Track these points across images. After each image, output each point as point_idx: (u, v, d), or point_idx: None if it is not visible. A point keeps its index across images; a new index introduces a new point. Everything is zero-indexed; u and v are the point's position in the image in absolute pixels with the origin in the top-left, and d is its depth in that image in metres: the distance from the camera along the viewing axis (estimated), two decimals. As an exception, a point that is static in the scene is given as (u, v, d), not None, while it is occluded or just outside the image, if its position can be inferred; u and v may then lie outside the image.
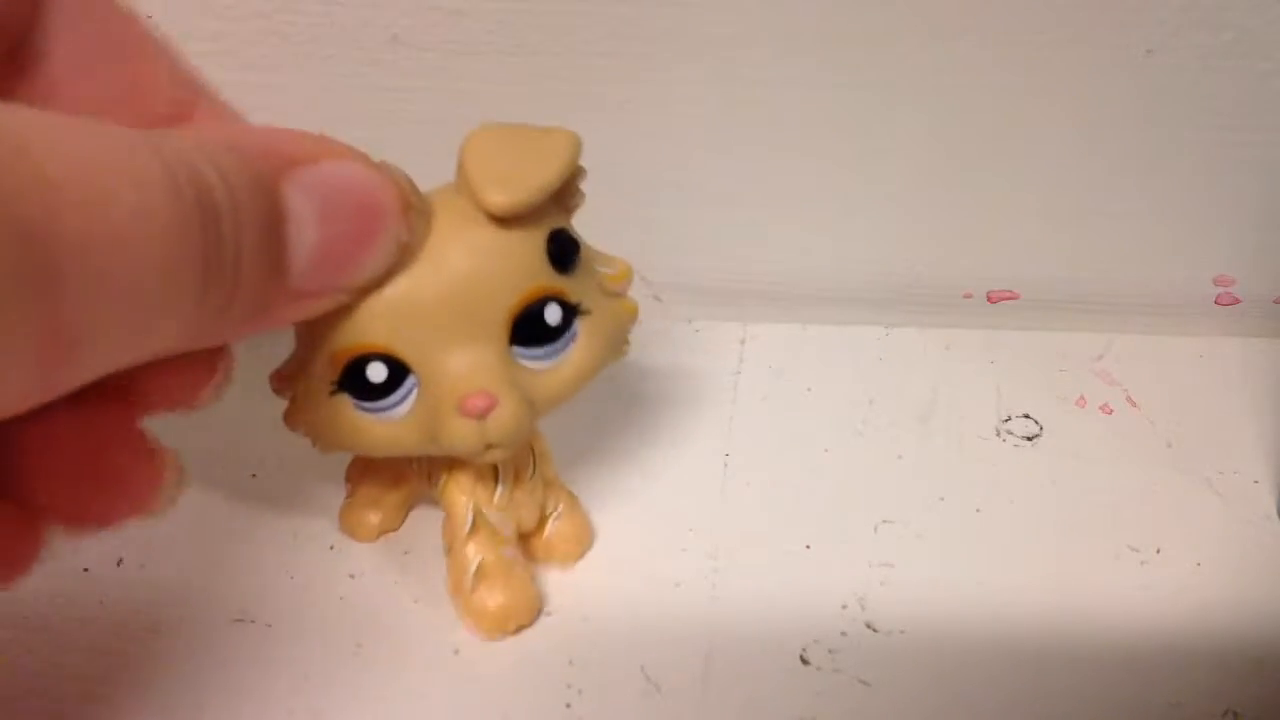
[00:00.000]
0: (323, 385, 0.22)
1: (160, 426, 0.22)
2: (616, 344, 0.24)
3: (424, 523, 0.28)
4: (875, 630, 0.25)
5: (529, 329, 0.22)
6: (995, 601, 0.26)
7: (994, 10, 0.29)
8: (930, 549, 0.27)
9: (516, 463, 0.25)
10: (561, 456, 0.26)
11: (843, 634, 0.25)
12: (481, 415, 0.21)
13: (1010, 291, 0.34)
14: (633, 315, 0.24)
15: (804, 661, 0.25)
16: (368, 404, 0.22)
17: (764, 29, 0.30)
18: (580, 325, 0.22)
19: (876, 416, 0.31)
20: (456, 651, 0.25)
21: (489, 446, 0.22)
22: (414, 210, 0.20)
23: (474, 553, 0.24)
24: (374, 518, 0.27)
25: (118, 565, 0.27)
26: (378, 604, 0.26)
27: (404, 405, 0.22)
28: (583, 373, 0.23)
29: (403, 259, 0.20)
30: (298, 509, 0.28)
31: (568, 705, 0.24)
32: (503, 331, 0.21)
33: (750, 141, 0.32)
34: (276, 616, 0.26)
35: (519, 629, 0.25)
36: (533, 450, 0.25)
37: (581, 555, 0.27)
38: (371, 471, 0.27)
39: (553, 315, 0.22)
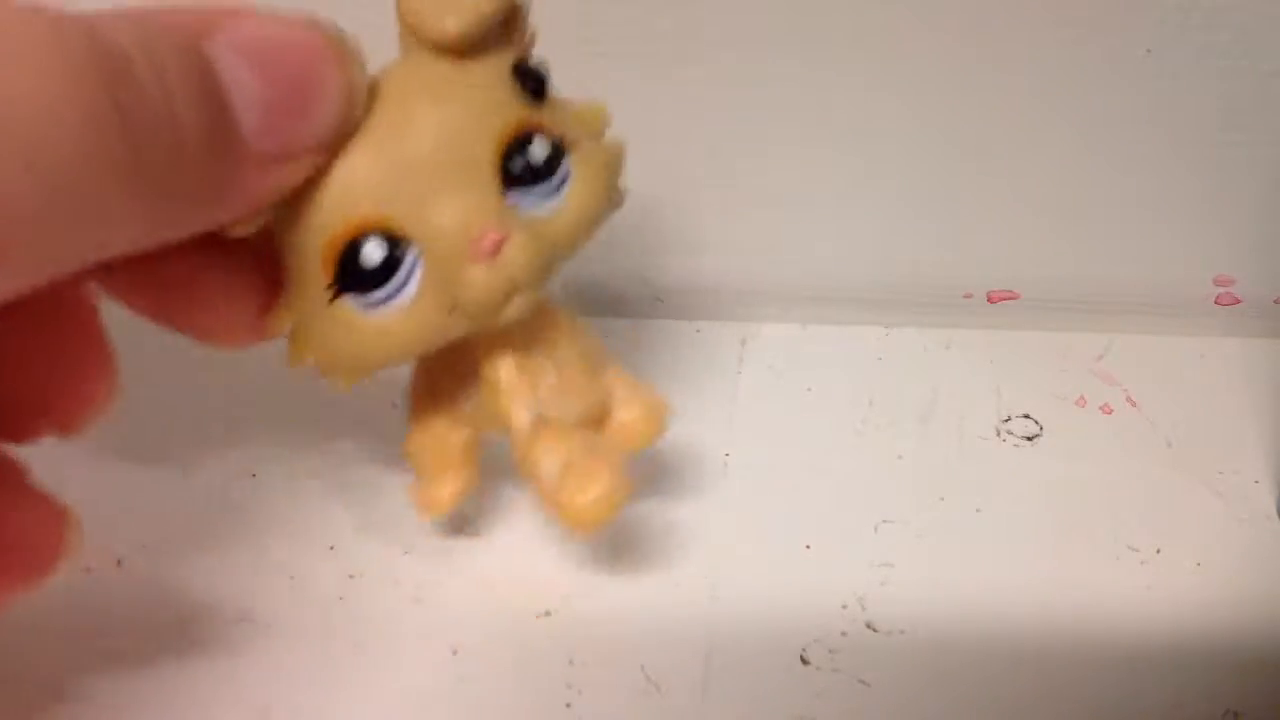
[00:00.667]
0: (319, 296, 0.20)
1: (158, 424, 0.22)
2: (611, 186, 0.22)
3: (424, 522, 0.28)
4: (875, 630, 0.25)
5: (519, 169, 0.20)
6: (995, 602, 0.26)
7: (994, 10, 0.29)
8: (930, 549, 0.27)
9: (556, 347, 0.23)
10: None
11: (843, 634, 0.25)
12: (494, 253, 0.20)
13: (1010, 291, 0.34)
14: (620, 156, 0.23)
15: (804, 661, 0.25)
16: (374, 296, 0.20)
17: (764, 29, 0.30)
18: (570, 164, 0.21)
19: (877, 416, 0.31)
20: (456, 651, 0.25)
21: (511, 290, 0.20)
22: (350, 55, 0.19)
23: (545, 452, 0.22)
24: (449, 487, 0.25)
25: (118, 565, 0.27)
26: (377, 604, 0.26)
27: (411, 284, 0.20)
28: (585, 214, 0.21)
29: (356, 108, 0.19)
30: (298, 509, 0.28)
31: (567, 705, 0.24)
32: (492, 173, 0.20)
33: (751, 142, 0.32)
34: (276, 616, 0.26)
35: (620, 506, 0.22)
36: (572, 331, 0.24)
37: (660, 437, 0.25)
38: (428, 436, 0.25)
39: (539, 149, 0.20)
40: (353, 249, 0.20)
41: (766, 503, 0.28)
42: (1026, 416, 0.31)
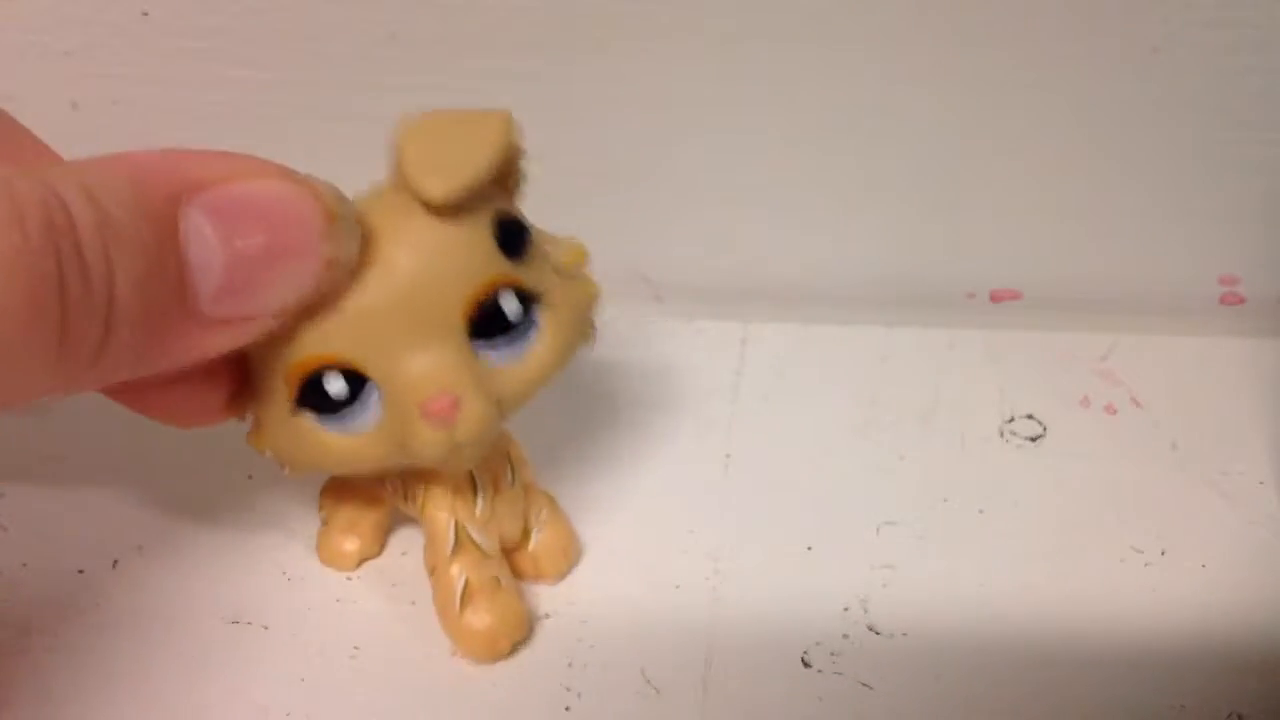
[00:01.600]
0: (282, 405, 0.21)
1: (155, 425, 0.22)
2: (582, 330, 0.23)
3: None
4: (877, 633, 0.25)
5: (487, 323, 0.21)
6: (998, 603, 0.26)
7: (998, 8, 0.29)
8: (933, 550, 0.27)
9: (494, 471, 0.24)
10: (559, 458, 0.26)
11: (845, 636, 0.25)
12: (446, 418, 0.20)
13: (1013, 291, 0.34)
14: (594, 297, 0.23)
15: (805, 664, 0.25)
16: (331, 419, 0.21)
17: (766, 27, 0.30)
18: (541, 314, 0.21)
19: (878, 417, 0.31)
20: (454, 654, 0.25)
21: (457, 449, 0.21)
22: (340, 222, 0.19)
23: (459, 572, 0.24)
24: (351, 545, 0.27)
25: (113, 567, 0.27)
26: (375, 606, 0.26)
27: (368, 416, 0.21)
28: (549, 363, 0.22)
29: (335, 273, 0.19)
30: (294, 511, 0.28)
31: (567, 708, 0.24)
32: (460, 328, 0.20)
33: (751, 140, 0.32)
34: (272, 618, 0.26)
35: (513, 648, 0.24)
36: (509, 456, 0.24)
37: (570, 569, 0.26)
38: (346, 494, 0.26)
39: (510, 306, 0.21)
40: (317, 376, 0.20)
41: (767, 504, 0.28)
42: (1030, 417, 0.31)
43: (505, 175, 0.21)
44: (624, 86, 0.31)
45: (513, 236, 0.21)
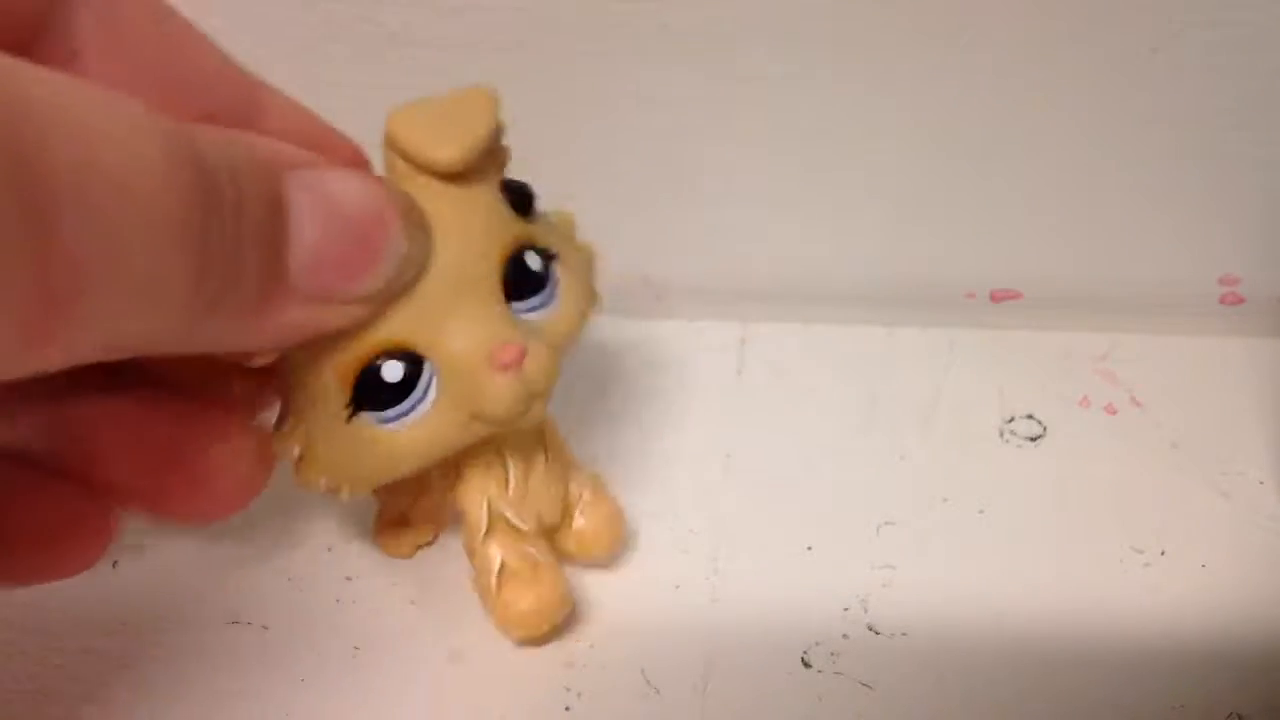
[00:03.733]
0: (336, 415, 0.21)
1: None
2: (590, 288, 0.23)
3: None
4: (877, 633, 0.25)
5: (519, 280, 0.21)
6: (998, 603, 0.26)
7: (997, 8, 0.29)
8: (933, 550, 0.27)
9: (525, 449, 0.24)
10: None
11: (844, 636, 0.25)
12: (516, 365, 0.20)
13: (1013, 291, 0.34)
14: (593, 257, 0.24)
15: (805, 664, 0.25)
16: (392, 411, 0.21)
17: (765, 27, 0.30)
18: (558, 270, 0.22)
19: (878, 417, 0.31)
20: (454, 654, 0.25)
21: (531, 397, 0.21)
22: (416, 225, 0.20)
23: (495, 553, 0.24)
24: (409, 534, 0.27)
25: (113, 567, 0.27)
26: (375, 606, 0.26)
27: (428, 397, 0.21)
28: (574, 317, 0.23)
29: (405, 279, 0.20)
30: (294, 510, 0.28)
31: (566, 708, 0.24)
32: (497, 288, 0.21)
33: (751, 140, 0.32)
34: (273, 618, 0.26)
35: (554, 629, 0.24)
36: (543, 437, 0.24)
37: (618, 549, 0.26)
38: (396, 484, 0.26)
39: (534, 261, 0.22)
40: (372, 369, 0.20)
41: (767, 503, 0.28)
42: (1030, 417, 0.31)
43: (494, 150, 0.22)
44: (624, 87, 0.31)
45: (522, 198, 0.22)
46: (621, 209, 0.33)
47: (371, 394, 0.21)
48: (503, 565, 0.24)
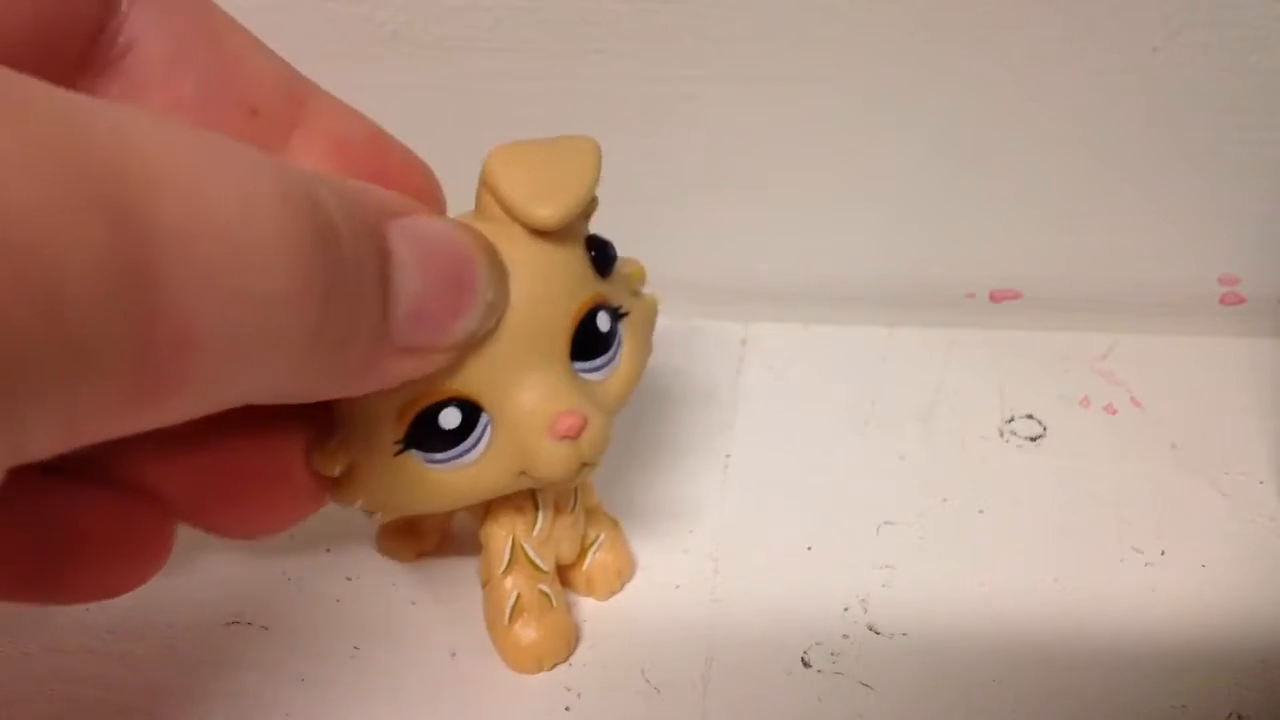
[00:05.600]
0: (385, 447, 0.21)
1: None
2: (648, 343, 0.23)
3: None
4: (877, 633, 0.25)
5: (586, 341, 0.21)
6: (998, 603, 0.26)
7: (997, 8, 0.29)
8: (933, 550, 0.27)
9: (557, 494, 0.24)
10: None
11: (845, 636, 0.25)
12: (575, 435, 0.20)
13: (1013, 291, 0.34)
14: (655, 309, 0.24)
15: (805, 664, 0.25)
16: (441, 455, 0.21)
17: (765, 28, 0.30)
18: (623, 328, 0.22)
19: (878, 417, 0.31)
20: (454, 654, 0.25)
21: (584, 466, 0.21)
22: (498, 268, 0.19)
23: (511, 587, 0.24)
24: (411, 541, 0.27)
25: (114, 567, 0.27)
26: (375, 606, 0.26)
27: (478, 448, 0.21)
28: (633, 376, 0.22)
29: (491, 322, 0.20)
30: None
31: (567, 709, 0.24)
32: (565, 348, 0.21)
33: (752, 140, 0.32)
34: (273, 619, 0.26)
35: (554, 665, 0.25)
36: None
37: (620, 588, 0.26)
38: None
39: (604, 323, 0.21)
40: (429, 413, 0.20)
41: (767, 504, 0.28)
42: (1030, 417, 0.31)
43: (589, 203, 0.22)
44: (623, 87, 0.31)
45: (605, 256, 0.22)
46: (621, 209, 0.32)
47: (425, 437, 0.20)
48: (517, 600, 0.24)
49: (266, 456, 0.21)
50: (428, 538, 0.27)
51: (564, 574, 0.26)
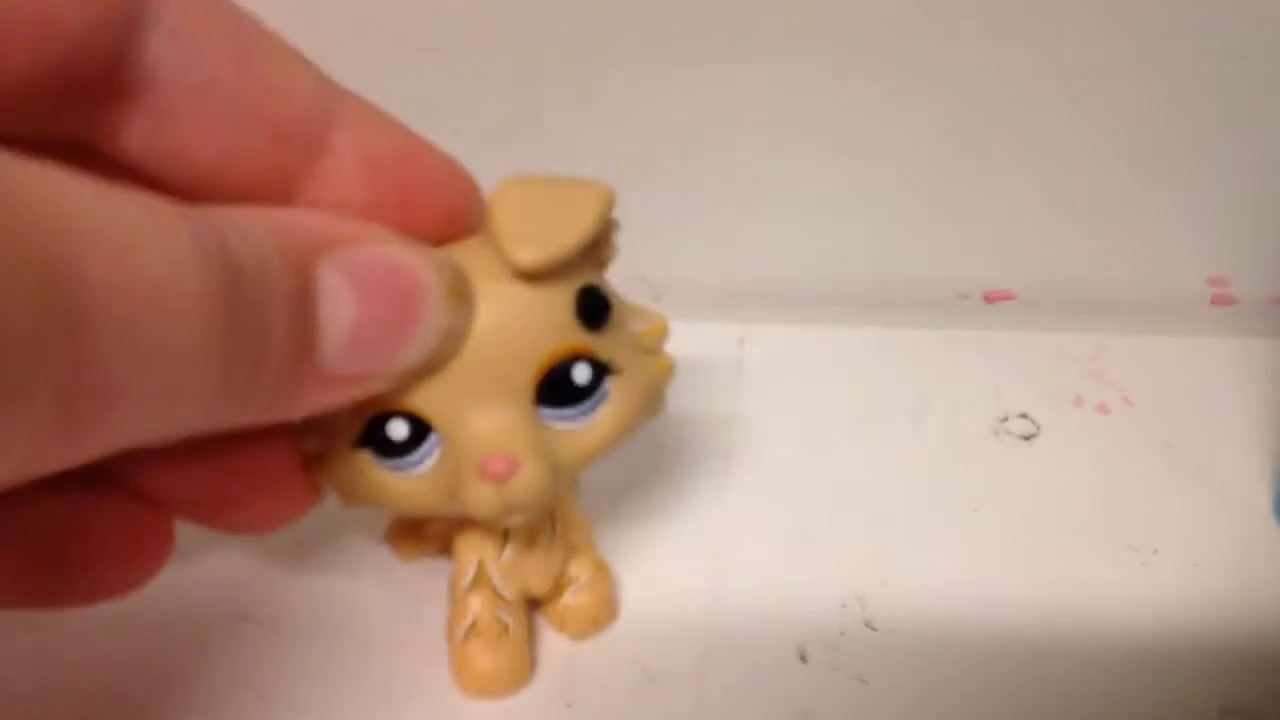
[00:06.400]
0: (345, 440, 0.21)
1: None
2: (651, 403, 0.22)
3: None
4: (874, 629, 0.26)
5: (556, 389, 0.20)
6: (993, 601, 0.26)
7: (993, 10, 0.29)
8: (928, 548, 0.27)
9: (530, 527, 0.24)
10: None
11: (841, 633, 0.25)
12: (501, 479, 0.20)
13: (1007, 292, 0.34)
14: (668, 374, 0.23)
15: (802, 660, 0.25)
16: (389, 460, 0.21)
17: (764, 29, 0.30)
18: (611, 384, 0.21)
19: (875, 416, 0.31)
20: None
21: (508, 509, 0.21)
22: (459, 297, 0.19)
23: (471, 607, 0.24)
24: (420, 543, 0.27)
25: (120, 564, 0.27)
26: (381, 606, 0.26)
27: (426, 463, 0.21)
28: (613, 434, 0.21)
29: (450, 343, 0.19)
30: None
31: (567, 705, 0.24)
32: (529, 391, 0.20)
33: (749, 141, 0.32)
34: (280, 615, 0.26)
35: (500, 697, 0.24)
36: (552, 516, 0.24)
37: (595, 632, 0.26)
38: None
39: (581, 375, 0.21)
40: (380, 419, 0.20)
41: (765, 501, 0.29)
42: (1023, 416, 0.31)
43: (597, 247, 0.21)
44: (623, 88, 0.31)
45: (594, 309, 0.21)
46: (620, 209, 0.33)
47: (374, 440, 0.21)
48: (474, 622, 0.24)
49: (264, 453, 0.21)
50: (431, 542, 0.27)
51: (542, 608, 0.26)
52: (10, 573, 0.19)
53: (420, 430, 0.20)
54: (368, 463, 0.21)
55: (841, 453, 0.30)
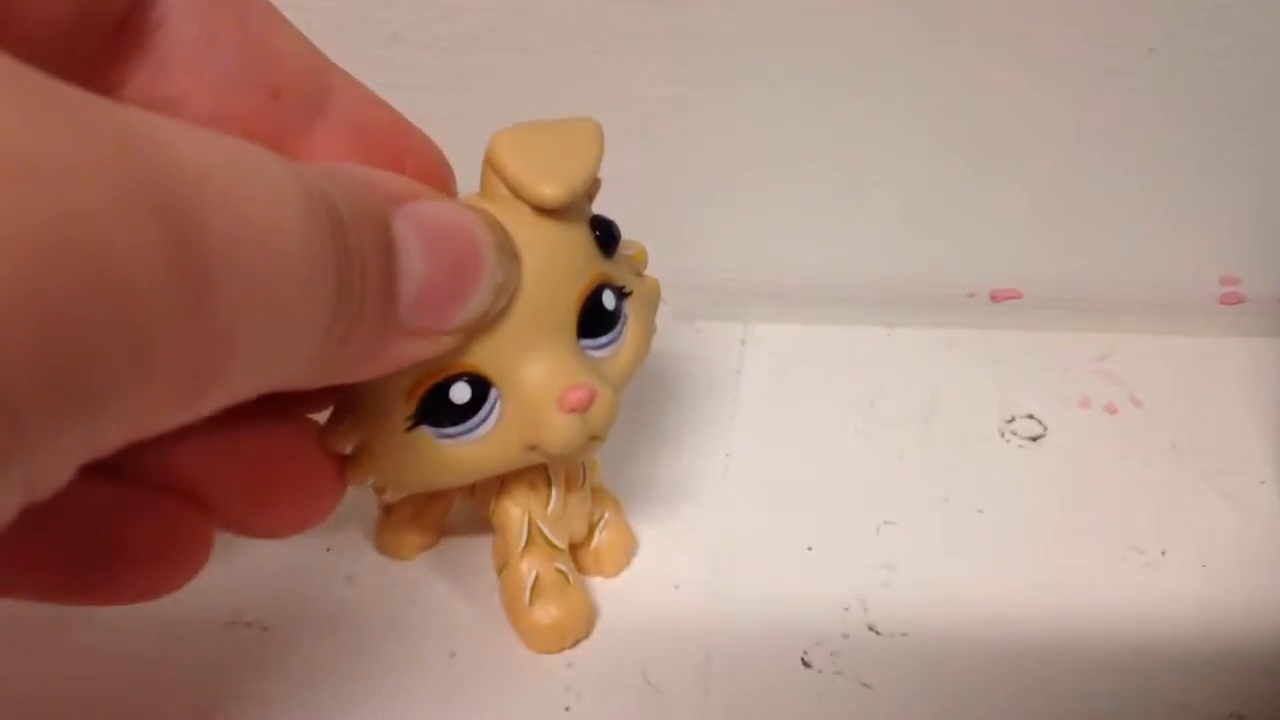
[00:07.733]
0: (396, 423, 0.21)
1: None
2: (652, 323, 0.24)
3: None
4: (877, 632, 0.25)
5: (593, 319, 0.22)
6: (998, 603, 0.26)
7: (996, 9, 0.29)
8: (933, 550, 0.27)
9: (568, 470, 0.24)
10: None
11: (844, 636, 0.25)
12: (584, 408, 0.21)
13: (1014, 291, 0.34)
14: (658, 292, 0.24)
15: (805, 664, 0.25)
16: (452, 429, 0.21)
17: (765, 28, 0.30)
18: (628, 307, 0.23)
19: (878, 417, 0.31)
20: (453, 654, 0.25)
21: (591, 439, 0.21)
22: (508, 254, 0.20)
23: (529, 568, 0.24)
24: (414, 537, 0.27)
25: (113, 567, 0.27)
26: (375, 606, 0.26)
27: (488, 422, 0.21)
28: (638, 354, 0.23)
29: (499, 305, 0.20)
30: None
31: (566, 709, 0.24)
32: (573, 325, 0.21)
33: (752, 140, 0.32)
34: (273, 618, 0.26)
35: (576, 643, 0.25)
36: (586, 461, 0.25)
37: (627, 565, 0.27)
38: None
39: (609, 301, 0.22)
40: (440, 388, 0.21)
41: (767, 504, 0.28)
42: (1030, 417, 0.31)
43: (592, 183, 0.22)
44: (624, 87, 0.31)
45: (609, 236, 0.22)
46: (621, 208, 0.33)
47: (435, 411, 0.21)
48: (536, 580, 0.24)
49: (297, 453, 0.21)
50: (428, 534, 0.27)
51: (573, 554, 0.26)
52: (52, 561, 0.19)
53: (480, 390, 0.21)
54: (425, 440, 0.21)
55: (844, 454, 0.30)
